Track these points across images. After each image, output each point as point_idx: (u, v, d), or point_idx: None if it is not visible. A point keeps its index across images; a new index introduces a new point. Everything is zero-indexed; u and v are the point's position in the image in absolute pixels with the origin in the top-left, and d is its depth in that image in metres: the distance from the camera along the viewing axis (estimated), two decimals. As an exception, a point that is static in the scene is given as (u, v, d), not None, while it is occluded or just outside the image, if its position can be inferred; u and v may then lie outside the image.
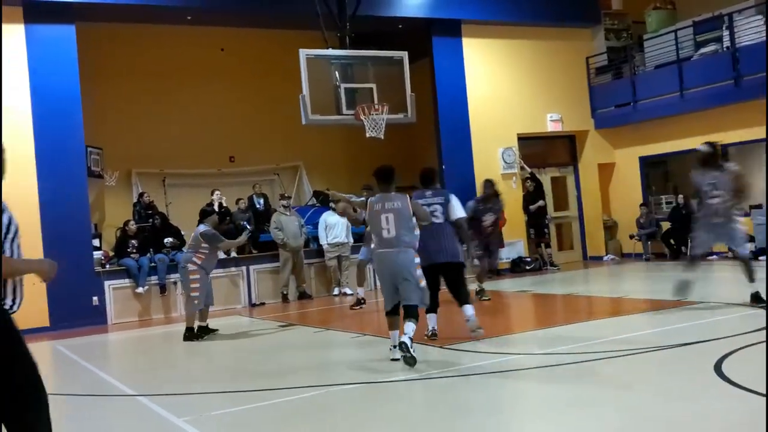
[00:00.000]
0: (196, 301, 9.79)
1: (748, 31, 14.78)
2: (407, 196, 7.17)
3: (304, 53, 11.30)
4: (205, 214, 10.25)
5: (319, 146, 17.51)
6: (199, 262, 9.79)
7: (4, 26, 12.55)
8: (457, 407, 5.24)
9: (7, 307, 3.59)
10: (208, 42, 16.82)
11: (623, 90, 17.11)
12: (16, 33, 12.67)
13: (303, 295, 14.31)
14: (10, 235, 3.62)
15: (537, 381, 6.08)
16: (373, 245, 7.38)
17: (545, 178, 17.59)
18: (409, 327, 6.70)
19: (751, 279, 8.55)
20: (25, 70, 12.72)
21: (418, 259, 7.06)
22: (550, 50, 17.25)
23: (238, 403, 5.94)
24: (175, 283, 13.36)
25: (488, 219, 11.38)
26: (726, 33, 15.09)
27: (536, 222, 16.46)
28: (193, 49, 16.79)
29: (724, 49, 15.16)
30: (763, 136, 14.26)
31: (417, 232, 7.07)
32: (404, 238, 6.88)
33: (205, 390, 6.49)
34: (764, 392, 4.75)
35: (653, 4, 17.37)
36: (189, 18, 14.44)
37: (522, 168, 16.95)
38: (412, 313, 6.81)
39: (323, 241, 14.46)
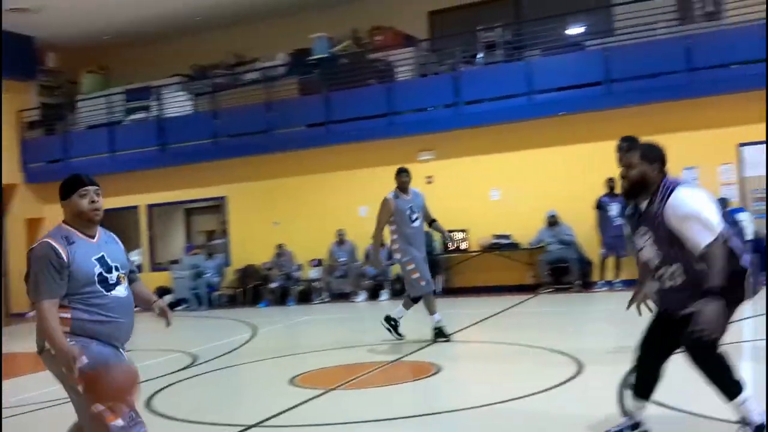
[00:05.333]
0: None
1: (174, 103, 16.54)
2: None
3: None
4: None
5: None
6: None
7: None
8: None
9: None
10: None
11: (56, 146, 17.33)
12: None
13: None
14: None
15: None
16: None
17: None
18: None
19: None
20: None
21: None
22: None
23: None
24: None
25: None
26: (155, 103, 16.61)
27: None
28: None
29: (152, 117, 16.65)
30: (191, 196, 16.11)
31: None
32: None
33: None
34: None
35: (88, 68, 18.09)
36: None
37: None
38: None
39: None
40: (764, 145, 11.46)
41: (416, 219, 8.42)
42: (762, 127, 12.00)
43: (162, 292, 15.55)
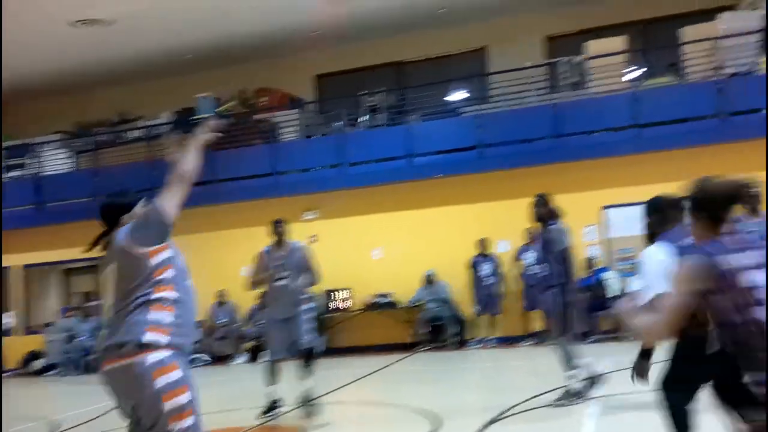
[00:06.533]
0: None
1: (54, 161, 16.15)
2: None
3: None
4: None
5: None
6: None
7: None
8: None
9: None
10: None
11: None
12: None
13: None
14: None
15: None
16: None
17: None
18: None
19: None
20: None
21: None
22: None
23: None
24: None
25: None
26: (32, 161, 16.17)
27: None
28: None
29: (29, 175, 16.18)
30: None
31: None
32: None
33: None
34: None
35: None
36: None
37: None
38: None
39: None
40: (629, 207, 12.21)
41: (283, 277, 7.83)
42: (625, 190, 12.75)
43: (33, 356, 14.94)
